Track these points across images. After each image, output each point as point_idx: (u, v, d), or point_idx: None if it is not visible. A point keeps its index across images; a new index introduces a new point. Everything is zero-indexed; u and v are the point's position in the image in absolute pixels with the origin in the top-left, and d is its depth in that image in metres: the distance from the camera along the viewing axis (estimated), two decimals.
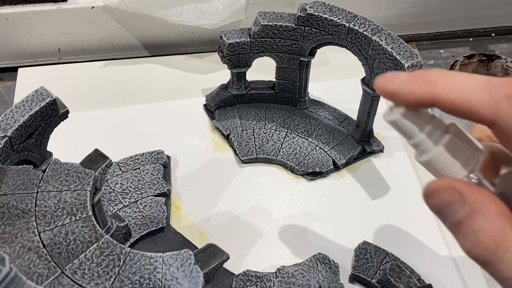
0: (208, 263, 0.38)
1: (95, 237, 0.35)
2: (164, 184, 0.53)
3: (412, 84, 0.26)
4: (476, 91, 0.25)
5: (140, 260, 0.34)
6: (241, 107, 0.62)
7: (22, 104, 0.40)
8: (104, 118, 0.62)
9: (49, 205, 0.36)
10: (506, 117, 0.24)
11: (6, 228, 0.35)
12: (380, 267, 0.47)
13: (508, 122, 0.24)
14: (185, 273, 0.33)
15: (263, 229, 0.52)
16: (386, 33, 0.49)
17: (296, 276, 0.46)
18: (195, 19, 0.64)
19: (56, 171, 0.38)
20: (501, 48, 0.74)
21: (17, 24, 0.66)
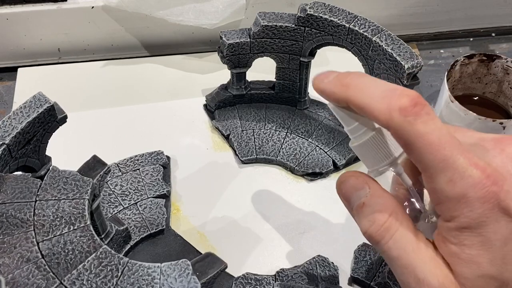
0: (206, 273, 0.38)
1: (93, 247, 0.35)
2: (164, 186, 0.53)
3: (333, 86, 0.31)
4: (377, 99, 0.29)
5: (138, 270, 0.34)
6: (241, 107, 0.62)
7: (20, 110, 0.40)
8: (104, 118, 0.62)
9: (48, 214, 0.36)
10: (396, 125, 0.28)
11: (5, 238, 0.35)
12: (380, 270, 0.47)
13: (397, 129, 0.29)
14: (183, 283, 0.34)
15: (263, 230, 0.52)
16: (386, 33, 0.49)
17: (296, 279, 0.46)
18: (195, 19, 0.64)
19: (54, 179, 0.38)
20: (501, 48, 0.74)
21: (17, 24, 0.66)
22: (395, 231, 0.30)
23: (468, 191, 0.28)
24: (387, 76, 0.49)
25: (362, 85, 0.30)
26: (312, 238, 0.52)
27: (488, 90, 0.60)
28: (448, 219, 0.29)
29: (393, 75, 0.49)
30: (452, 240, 0.29)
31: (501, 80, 0.59)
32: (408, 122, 0.28)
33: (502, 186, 0.28)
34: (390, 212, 0.31)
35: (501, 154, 0.30)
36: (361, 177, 0.33)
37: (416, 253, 0.30)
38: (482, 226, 0.28)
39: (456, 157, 0.28)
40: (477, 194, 0.28)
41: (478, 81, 0.60)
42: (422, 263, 0.30)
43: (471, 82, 0.60)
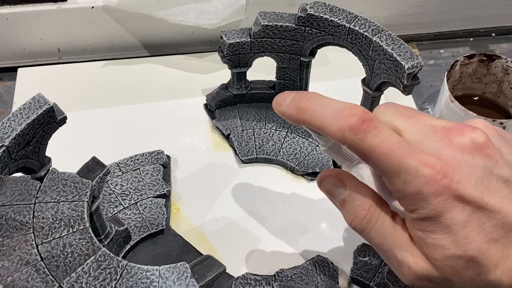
0: (204, 276, 0.38)
1: (92, 250, 0.35)
2: (164, 185, 0.53)
3: (291, 109, 0.34)
4: (330, 121, 0.32)
5: (136, 273, 0.34)
6: (242, 107, 0.62)
7: (19, 112, 0.40)
8: (104, 118, 0.62)
9: (47, 216, 0.36)
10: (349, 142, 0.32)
11: (5, 241, 0.35)
12: (379, 270, 0.47)
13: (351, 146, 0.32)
14: (181, 286, 0.34)
15: (262, 230, 0.52)
16: (386, 33, 0.49)
17: (295, 279, 0.47)
18: (195, 19, 0.64)
19: (53, 182, 0.38)
20: (501, 48, 0.74)
21: (17, 24, 0.66)
22: (375, 221, 0.35)
23: (421, 188, 0.31)
24: (387, 76, 0.49)
25: (315, 108, 0.33)
26: (312, 238, 0.52)
27: (488, 90, 0.60)
28: (410, 211, 0.33)
29: (393, 75, 0.49)
30: (417, 227, 0.33)
31: (501, 80, 0.59)
32: (359, 139, 0.32)
33: (453, 177, 0.31)
34: (369, 206, 0.35)
35: (450, 145, 0.32)
36: (339, 174, 0.37)
37: (394, 238, 0.34)
38: (440, 215, 0.31)
39: (407, 161, 0.31)
40: (430, 190, 0.31)
41: (478, 81, 0.60)
42: (400, 247, 0.34)
43: (471, 82, 0.60)
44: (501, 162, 0.32)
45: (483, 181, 0.32)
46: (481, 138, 0.32)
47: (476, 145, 0.32)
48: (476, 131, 0.32)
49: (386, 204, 0.36)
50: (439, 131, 0.33)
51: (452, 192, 0.31)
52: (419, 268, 0.34)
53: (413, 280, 0.34)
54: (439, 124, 0.34)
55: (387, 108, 0.36)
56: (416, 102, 0.65)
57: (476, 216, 0.31)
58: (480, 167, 0.32)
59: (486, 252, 0.31)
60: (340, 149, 0.36)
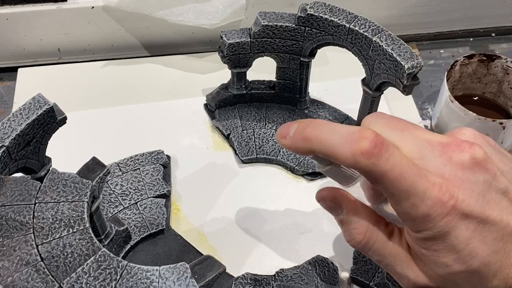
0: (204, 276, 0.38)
1: (92, 250, 0.35)
2: (164, 185, 0.53)
3: (296, 141, 0.34)
4: (339, 147, 0.32)
5: (136, 273, 0.34)
6: (242, 107, 0.62)
7: (19, 112, 0.40)
8: (104, 118, 0.62)
9: (47, 216, 0.36)
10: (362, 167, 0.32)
11: (5, 241, 0.35)
12: (379, 270, 0.47)
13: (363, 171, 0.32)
14: (181, 286, 0.34)
15: (262, 230, 0.52)
16: (386, 34, 0.49)
17: (295, 279, 0.47)
18: (195, 19, 0.64)
19: (53, 182, 0.38)
20: (501, 48, 0.74)
21: (17, 24, 0.66)
22: (373, 244, 0.36)
23: (429, 211, 0.31)
24: (387, 76, 0.49)
25: (322, 136, 0.33)
26: (312, 238, 0.52)
27: (488, 90, 0.60)
28: (415, 231, 0.33)
29: (393, 75, 0.49)
30: (421, 245, 0.33)
31: (501, 80, 0.59)
32: (372, 164, 0.31)
33: (458, 196, 0.31)
34: (365, 230, 0.36)
35: (450, 162, 0.32)
36: (335, 196, 0.37)
37: (393, 255, 0.35)
38: (446, 235, 0.32)
39: (416, 185, 0.31)
40: (437, 212, 0.31)
41: (478, 81, 0.60)
42: (400, 262, 0.35)
43: (471, 82, 0.60)
44: (498, 174, 0.33)
45: (484, 196, 0.32)
46: (480, 154, 0.33)
47: (475, 161, 0.32)
48: (474, 147, 0.33)
49: (383, 223, 0.36)
50: (436, 147, 0.33)
51: (458, 211, 0.31)
52: (419, 282, 0.34)
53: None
54: (435, 139, 0.34)
55: (378, 120, 0.35)
56: (416, 102, 0.65)
57: (479, 231, 0.32)
58: (480, 182, 0.32)
59: (487, 265, 0.32)
60: (340, 171, 0.36)
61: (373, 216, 0.36)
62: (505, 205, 0.33)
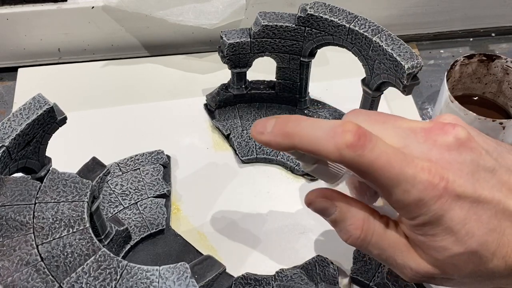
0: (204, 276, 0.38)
1: (92, 250, 0.35)
2: (164, 185, 0.53)
3: (276, 136, 0.33)
4: (323, 141, 0.31)
5: (136, 273, 0.34)
6: (242, 107, 0.62)
7: (19, 112, 0.40)
8: (104, 118, 0.62)
9: (47, 216, 0.36)
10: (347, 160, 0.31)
11: (5, 241, 0.35)
12: (379, 270, 0.47)
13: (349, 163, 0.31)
14: (181, 286, 0.34)
15: (263, 230, 0.52)
16: (386, 34, 0.49)
17: (295, 279, 0.47)
18: (195, 19, 0.64)
19: (53, 182, 0.38)
20: (501, 48, 0.74)
21: (17, 24, 0.66)
22: (371, 237, 0.35)
23: (421, 196, 0.31)
24: (387, 76, 0.49)
25: (304, 131, 0.32)
26: (312, 238, 0.52)
27: (488, 90, 0.60)
28: (410, 219, 0.33)
29: (393, 75, 0.49)
30: (418, 232, 0.33)
31: (501, 80, 0.59)
32: (358, 156, 0.31)
33: (448, 178, 0.31)
34: (362, 224, 0.35)
35: (435, 146, 0.32)
36: (327, 194, 0.36)
37: (392, 246, 0.35)
38: (441, 218, 0.32)
39: (404, 170, 0.31)
40: (429, 195, 0.31)
41: (478, 81, 0.60)
42: (399, 252, 0.35)
43: (471, 82, 0.60)
44: (484, 153, 0.33)
45: (473, 175, 0.32)
46: (463, 134, 0.33)
47: (460, 142, 0.32)
48: (457, 128, 0.33)
49: (377, 214, 0.36)
50: (419, 133, 0.33)
51: (450, 193, 0.31)
52: (421, 270, 0.34)
53: (416, 279, 0.35)
54: (417, 126, 0.34)
55: (357, 116, 0.35)
56: (416, 102, 0.65)
57: (473, 210, 0.32)
58: (468, 162, 0.32)
59: (485, 244, 0.32)
60: (326, 169, 0.36)
61: (366, 209, 0.36)
62: (494, 183, 0.33)
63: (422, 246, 0.34)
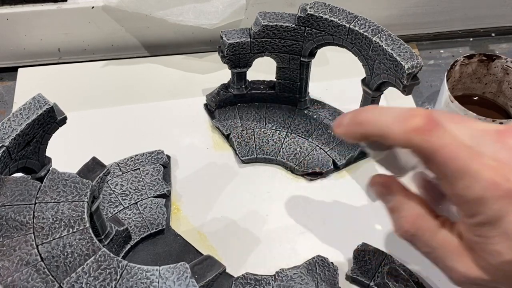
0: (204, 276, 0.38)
1: (92, 250, 0.35)
2: (164, 185, 0.53)
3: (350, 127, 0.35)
4: (392, 125, 0.32)
5: (136, 273, 0.34)
6: (242, 107, 0.62)
7: (19, 112, 0.40)
8: (104, 118, 0.62)
9: (47, 216, 0.36)
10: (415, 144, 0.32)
11: (5, 241, 0.35)
12: (379, 270, 0.47)
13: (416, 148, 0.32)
14: (181, 286, 0.34)
15: (262, 230, 0.52)
16: (386, 34, 0.49)
17: (295, 279, 0.47)
18: (195, 19, 0.64)
19: (53, 182, 0.38)
20: (501, 48, 0.74)
21: (17, 24, 0.66)
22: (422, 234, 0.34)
23: (484, 193, 0.30)
24: (387, 76, 0.49)
25: (374, 117, 0.33)
26: (312, 238, 0.52)
27: (488, 90, 0.60)
28: (468, 216, 0.32)
29: (393, 75, 0.49)
30: (474, 232, 0.32)
31: (501, 80, 0.59)
32: (425, 140, 0.31)
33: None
34: (414, 218, 0.34)
35: (504, 147, 0.32)
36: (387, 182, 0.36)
37: (443, 248, 0.34)
38: (500, 220, 0.30)
39: (470, 164, 0.31)
40: (492, 194, 0.30)
41: (478, 81, 0.60)
42: (450, 255, 0.33)
43: (471, 82, 0.60)
44: None
45: None
46: None
47: None
48: None
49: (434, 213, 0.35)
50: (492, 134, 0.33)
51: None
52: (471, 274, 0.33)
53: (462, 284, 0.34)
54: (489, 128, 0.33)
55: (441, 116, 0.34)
56: (416, 102, 0.65)
57: None
58: None
59: None
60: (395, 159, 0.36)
61: (423, 205, 0.35)
62: None
63: (476, 248, 0.32)
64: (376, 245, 0.49)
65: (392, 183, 0.36)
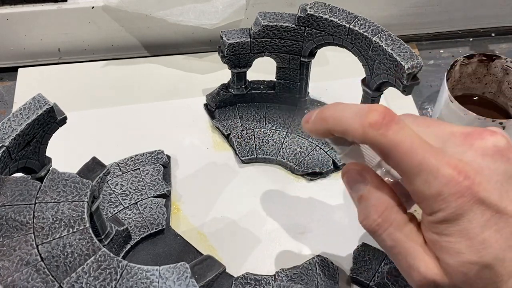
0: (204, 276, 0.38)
1: (92, 250, 0.35)
2: (164, 185, 0.53)
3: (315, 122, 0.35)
4: (351, 121, 0.32)
5: (136, 273, 0.34)
6: (242, 107, 0.62)
7: (19, 112, 0.40)
8: (104, 118, 0.62)
9: (47, 216, 0.36)
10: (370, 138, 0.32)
11: (5, 241, 0.35)
12: (379, 270, 0.47)
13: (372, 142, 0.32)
14: (181, 286, 0.34)
15: (262, 231, 0.52)
16: (386, 34, 0.49)
17: (295, 279, 0.47)
18: (195, 19, 0.64)
19: (53, 182, 0.38)
20: (501, 48, 0.74)
21: (17, 24, 0.66)
22: (388, 226, 0.33)
23: (442, 189, 0.30)
24: (387, 76, 0.49)
25: (336, 114, 0.34)
26: (312, 238, 0.52)
27: (487, 90, 0.60)
28: (428, 214, 0.32)
29: (393, 75, 0.49)
30: (433, 230, 0.32)
31: (501, 80, 0.59)
32: (381, 135, 0.31)
33: (474, 179, 0.30)
34: (383, 208, 0.34)
35: (471, 149, 0.32)
36: (363, 170, 0.36)
37: (407, 243, 0.33)
38: (459, 218, 0.30)
39: (428, 160, 0.30)
40: (451, 191, 0.30)
41: (478, 81, 0.60)
42: (412, 251, 0.33)
43: (470, 82, 0.60)
44: None
45: (502, 185, 0.31)
46: (502, 142, 0.32)
47: (497, 149, 0.31)
48: (496, 135, 0.32)
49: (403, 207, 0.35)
50: (459, 136, 0.33)
51: (473, 194, 0.30)
52: (430, 274, 0.32)
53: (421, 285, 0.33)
54: (458, 130, 0.33)
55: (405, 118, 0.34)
56: (416, 102, 0.65)
57: (495, 221, 0.30)
58: (500, 171, 0.31)
59: (502, 260, 0.30)
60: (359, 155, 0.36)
61: (394, 198, 0.34)
62: None
63: (435, 247, 0.32)
64: (376, 245, 0.49)
65: (366, 170, 0.36)
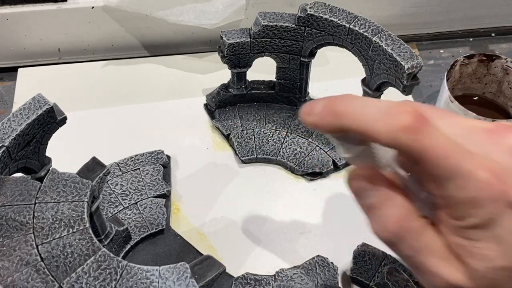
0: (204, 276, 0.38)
1: (92, 250, 0.35)
2: (164, 185, 0.53)
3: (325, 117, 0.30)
4: (375, 121, 0.28)
5: (136, 273, 0.34)
6: (242, 107, 0.62)
7: (19, 112, 0.40)
8: (104, 118, 0.62)
9: (47, 217, 0.36)
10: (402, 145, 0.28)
11: (5, 241, 0.35)
12: (379, 270, 0.47)
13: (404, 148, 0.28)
14: (181, 286, 0.34)
15: (262, 230, 0.52)
16: (386, 34, 0.49)
17: (295, 279, 0.47)
18: (195, 19, 0.64)
19: (53, 182, 0.38)
20: (501, 48, 0.74)
21: (17, 24, 0.66)
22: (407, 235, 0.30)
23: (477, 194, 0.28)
24: (387, 76, 0.49)
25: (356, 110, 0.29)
26: (312, 238, 0.52)
27: (487, 90, 0.60)
28: (457, 218, 0.30)
29: (393, 75, 0.49)
30: (461, 235, 0.30)
31: (501, 80, 0.59)
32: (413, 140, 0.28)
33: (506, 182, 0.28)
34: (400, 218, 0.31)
35: (496, 148, 0.30)
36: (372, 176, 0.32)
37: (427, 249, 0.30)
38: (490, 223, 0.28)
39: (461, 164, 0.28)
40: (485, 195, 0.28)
41: (478, 81, 0.60)
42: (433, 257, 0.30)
43: (471, 82, 0.60)
44: None
45: None
46: None
47: None
48: None
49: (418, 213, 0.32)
50: (479, 133, 0.31)
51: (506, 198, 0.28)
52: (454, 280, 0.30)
53: None
54: (476, 125, 0.31)
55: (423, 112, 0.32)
56: (416, 102, 0.65)
57: None
58: None
59: None
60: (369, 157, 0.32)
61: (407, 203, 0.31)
62: None
63: (463, 253, 0.30)
64: (376, 245, 0.49)
65: (377, 176, 0.32)
